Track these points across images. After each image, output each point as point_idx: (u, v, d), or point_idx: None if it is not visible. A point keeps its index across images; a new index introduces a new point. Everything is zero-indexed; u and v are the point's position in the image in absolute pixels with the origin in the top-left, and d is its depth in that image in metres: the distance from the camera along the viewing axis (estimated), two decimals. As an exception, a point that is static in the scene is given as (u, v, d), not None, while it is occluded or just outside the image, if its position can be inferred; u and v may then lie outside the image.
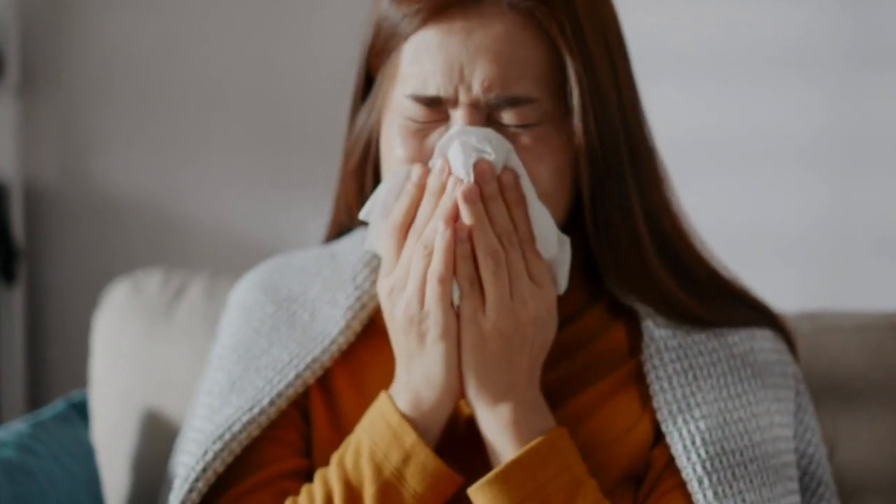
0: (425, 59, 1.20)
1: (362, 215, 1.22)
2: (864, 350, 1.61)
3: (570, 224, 1.28)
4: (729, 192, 2.25)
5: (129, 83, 2.52)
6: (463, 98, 1.19)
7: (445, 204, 1.16)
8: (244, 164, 2.51)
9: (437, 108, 1.21)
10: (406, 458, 1.19)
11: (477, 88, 1.19)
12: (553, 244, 1.19)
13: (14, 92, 2.50)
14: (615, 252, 1.26)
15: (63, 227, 2.56)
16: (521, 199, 1.17)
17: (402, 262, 1.18)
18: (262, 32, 2.48)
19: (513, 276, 1.16)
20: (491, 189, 1.16)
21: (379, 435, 1.20)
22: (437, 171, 1.17)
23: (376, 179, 1.31)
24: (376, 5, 1.26)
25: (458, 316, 1.17)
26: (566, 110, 1.21)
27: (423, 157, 1.22)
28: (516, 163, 1.18)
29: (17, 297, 2.51)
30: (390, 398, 1.21)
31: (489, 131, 1.17)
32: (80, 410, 1.75)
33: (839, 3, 2.21)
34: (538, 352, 1.20)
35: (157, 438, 1.72)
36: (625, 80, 1.26)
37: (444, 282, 1.16)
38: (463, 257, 1.16)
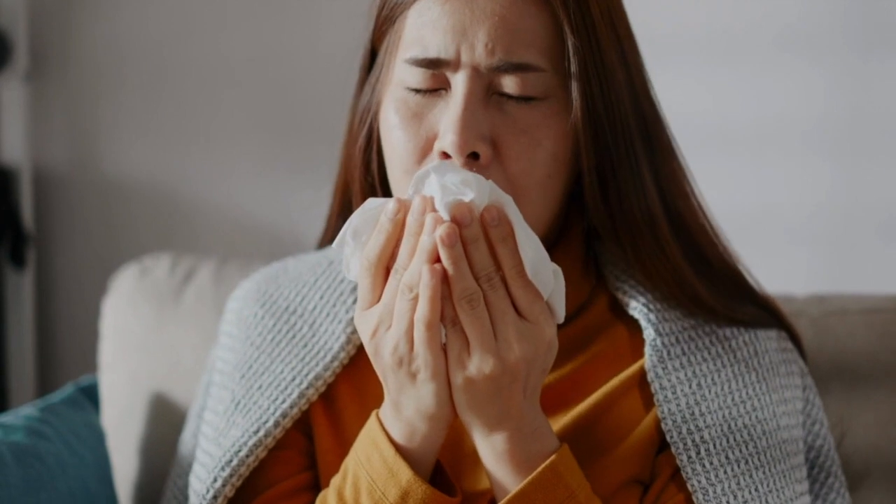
0: (428, 24, 1.19)
1: (336, 244, 1.18)
2: (871, 333, 1.61)
3: (565, 216, 1.27)
4: (734, 176, 2.24)
5: (138, 68, 2.52)
6: (465, 59, 1.17)
7: (426, 245, 1.11)
8: (252, 148, 2.52)
9: (436, 75, 1.19)
10: (404, 496, 1.16)
11: (480, 50, 1.17)
12: (548, 275, 1.14)
13: (23, 77, 2.50)
14: (628, 232, 1.24)
15: (72, 213, 2.57)
16: (510, 235, 1.12)
17: (386, 300, 1.14)
18: (270, 17, 2.48)
19: (496, 317, 1.12)
20: (470, 232, 1.11)
21: (375, 471, 1.18)
22: (417, 210, 1.12)
23: (381, 162, 1.29)
24: None
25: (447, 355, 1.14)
26: (570, 93, 1.19)
27: (421, 140, 1.20)
28: (501, 195, 1.13)
29: (26, 282, 2.52)
30: (383, 427, 1.19)
31: (469, 174, 1.13)
32: (90, 394, 1.75)
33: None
34: (536, 380, 1.16)
35: (166, 422, 1.73)
36: (634, 62, 1.24)
37: (431, 326, 1.12)
38: (444, 298, 1.12)
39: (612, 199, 1.24)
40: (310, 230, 1.55)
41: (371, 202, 1.17)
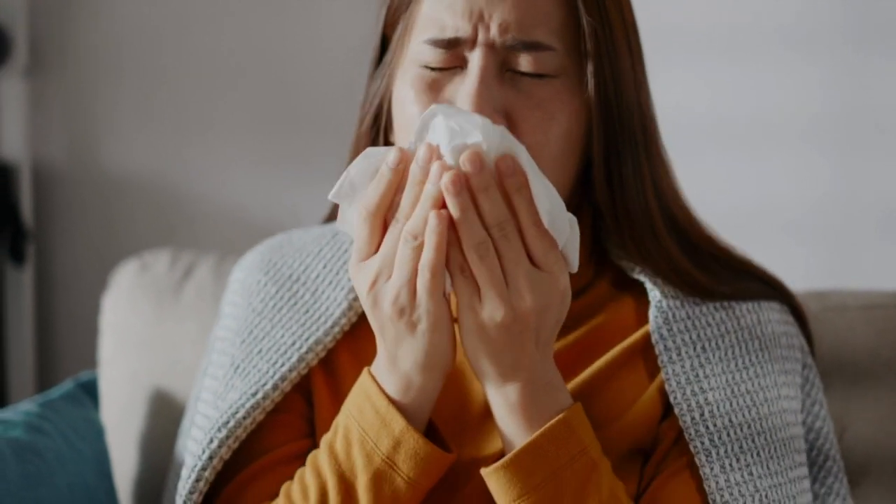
0: (444, 6, 1.21)
1: (331, 196, 1.17)
2: (871, 329, 1.61)
3: (576, 196, 1.28)
4: (732, 173, 2.25)
5: (137, 64, 2.52)
6: (481, 38, 1.20)
7: (431, 191, 1.11)
8: (252, 144, 2.51)
9: (453, 52, 1.21)
10: (396, 445, 1.17)
11: (495, 29, 1.20)
12: (564, 224, 1.14)
13: (22, 73, 2.50)
14: (627, 218, 1.27)
15: (71, 209, 2.57)
16: (524, 185, 1.11)
17: (385, 250, 1.14)
18: (269, 12, 2.48)
19: (508, 266, 1.12)
20: (481, 180, 1.10)
21: (367, 422, 1.18)
22: (422, 158, 1.12)
23: (387, 142, 1.30)
24: None
25: (450, 303, 1.14)
26: (583, 73, 1.22)
27: None
28: (512, 143, 1.12)
29: (26, 279, 2.52)
30: (375, 381, 1.19)
31: (477, 117, 1.12)
32: (89, 390, 1.75)
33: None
34: (549, 331, 1.16)
35: (165, 418, 1.73)
36: (636, 50, 1.28)
37: (436, 273, 1.11)
38: (450, 244, 1.11)
39: (615, 185, 1.26)
40: (309, 224, 1.55)
41: (371, 151, 1.16)
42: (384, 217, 1.14)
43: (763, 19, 2.23)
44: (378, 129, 1.31)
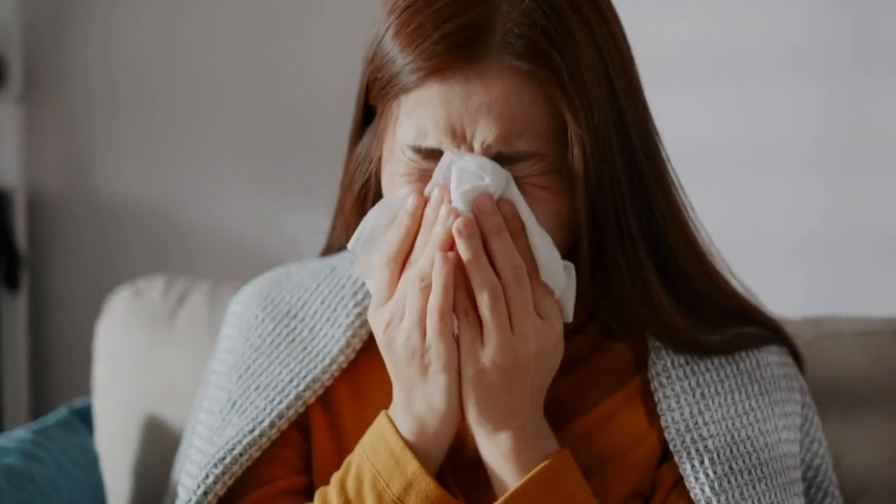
0: (425, 115, 1.17)
1: (350, 245, 1.19)
2: (866, 355, 1.61)
3: (567, 255, 1.27)
4: (731, 196, 2.25)
5: (131, 91, 2.53)
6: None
7: (439, 234, 1.13)
8: (246, 171, 2.52)
9: (437, 158, 1.18)
10: (408, 487, 1.17)
11: (477, 147, 1.16)
12: (560, 274, 1.16)
13: (17, 100, 2.51)
14: (618, 291, 1.23)
15: (66, 235, 2.56)
16: (521, 230, 1.14)
17: (399, 294, 1.15)
18: (264, 39, 2.49)
19: (515, 312, 1.13)
20: (493, 223, 1.13)
21: (381, 462, 1.18)
22: (435, 202, 1.14)
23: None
24: (377, 30, 1.22)
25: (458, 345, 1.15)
26: (568, 160, 1.18)
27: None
28: (514, 192, 1.14)
29: (20, 305, 2.52)
30: (392, 422, 1.19)
31: (485, 160, 1.14)
32: (83, 417, 1.75)
33: (841, 5, 2.21)
34: (542, 379, 1.17)
35: (160, 445, 1.72)
36: (631, 114, 1.22)
37: (445, 315, 1.13)
38: (457, 287, 1.13)
39: (596, 262, 1.23)
40: (305, 252, 1.55)
41: (386, 202, 1.18)
42: (403, 263, 1.16)
43: (766, 44, 2.24)
44: (367, 194, 1.29)
